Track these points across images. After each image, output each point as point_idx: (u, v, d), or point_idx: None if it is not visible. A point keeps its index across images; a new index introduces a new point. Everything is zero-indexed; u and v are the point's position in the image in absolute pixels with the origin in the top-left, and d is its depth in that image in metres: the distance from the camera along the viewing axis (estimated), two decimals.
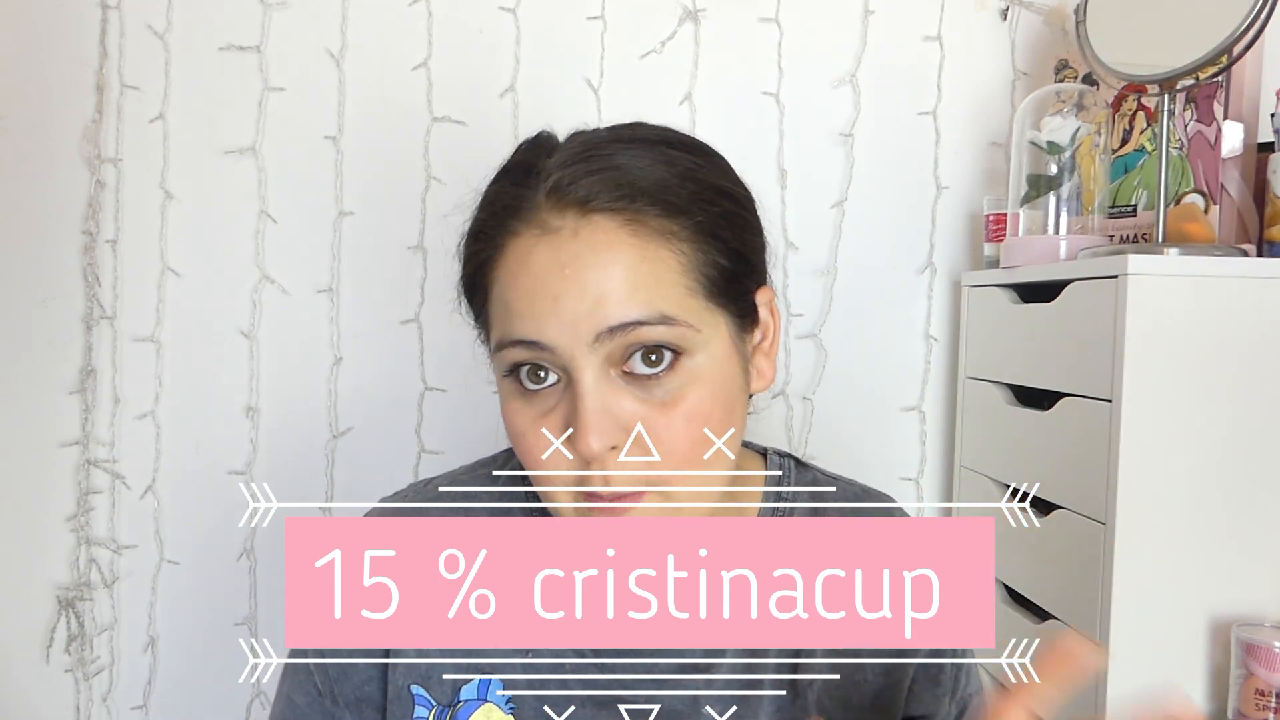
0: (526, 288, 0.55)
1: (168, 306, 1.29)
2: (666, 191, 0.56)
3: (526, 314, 0.55)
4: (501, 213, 0.58)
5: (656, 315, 0.54)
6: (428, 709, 0.63)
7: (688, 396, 0.55)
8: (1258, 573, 0.91)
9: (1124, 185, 1.15)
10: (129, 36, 1.27)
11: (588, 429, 0.53)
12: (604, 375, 0.54)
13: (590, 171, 0.56)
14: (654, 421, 0.54)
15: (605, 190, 0.55)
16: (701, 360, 0.56)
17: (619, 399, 0.54)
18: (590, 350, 0.54)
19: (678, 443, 0.55)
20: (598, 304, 0.53)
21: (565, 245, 0.54)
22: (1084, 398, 0.96)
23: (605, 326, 0.53)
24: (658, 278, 0.54)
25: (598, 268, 0.54)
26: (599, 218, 0.55)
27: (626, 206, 0.55)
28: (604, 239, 0.54)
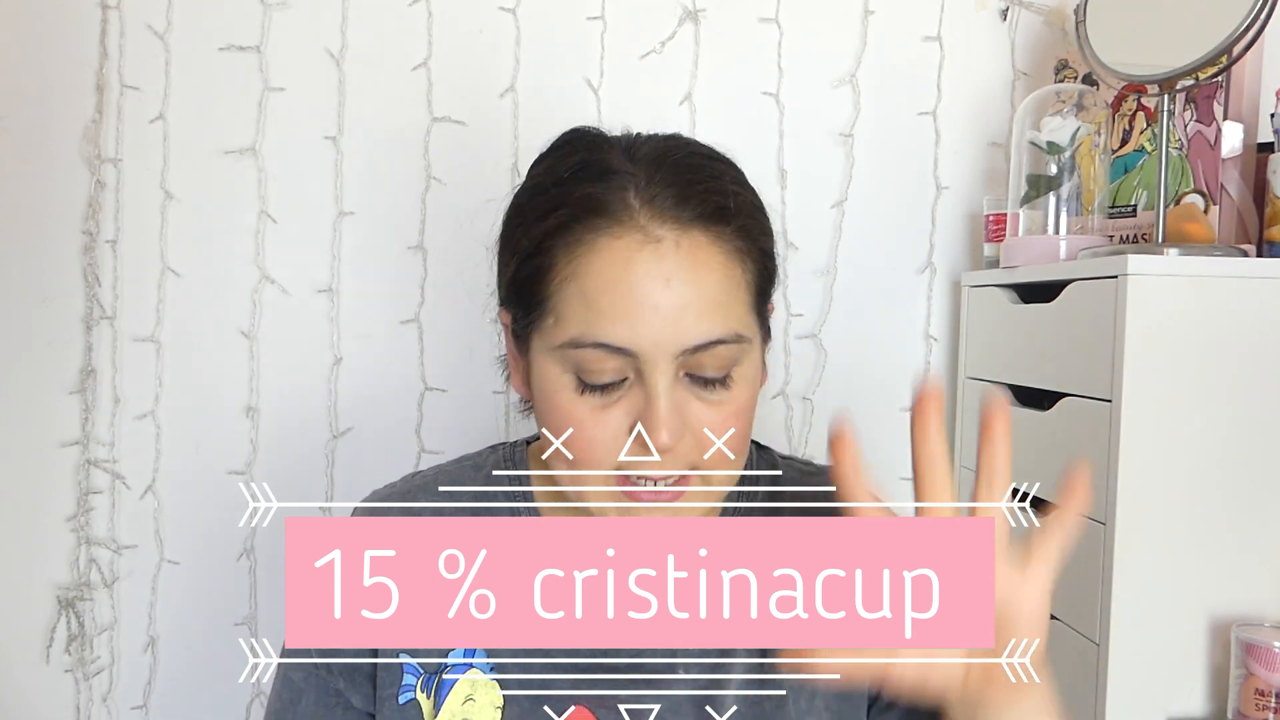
0: (624, 291, 0.56)
1: (168, 306, 1.29)
2: (743, 212, 0.60)
3: (621, 319, 0.56)
4: (595, 213, 0.58)
5: (732, 334, 0.58)
6: (415, 676, 0.65)
7: (738, 398, 0.60)
8: (1258, 573, 0.91)
9: (1124, 185, 1.15)
10: (129, 36, 1.27)
11: (661, 425, 0.56)
12: (675, 379, 0.58)
13: (685, 184, 0.58)
14: (710, 419, 0.58)
15: (702, 206, 0.58)
16: (748, 366, 0.60)
17: (686, 400, 0.58)
18: (671, 361, 0.57)
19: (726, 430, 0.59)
20: (690, 318, 0.56)
21: (668, 256, 0.56)
22: (1084, 398, 0.96)
23: (691, 344, 0.56)
24: (733, 296, 0.59)
25: (695, 284, 0.57)
26: (696, 233, 0.57)
27: (716, 224, 0.58)
28: (701, 255, 0.57)
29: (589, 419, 0.58)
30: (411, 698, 0.65)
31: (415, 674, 0.65)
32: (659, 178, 0.58)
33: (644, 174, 0.59)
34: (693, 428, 0.58)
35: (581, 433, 0.58)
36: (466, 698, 0.64)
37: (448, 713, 0.64)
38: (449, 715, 0.64)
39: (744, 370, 0.60)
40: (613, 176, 0.59)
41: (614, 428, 0.58)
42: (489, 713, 0.64)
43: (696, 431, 0.58)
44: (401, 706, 0.65)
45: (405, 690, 0.66)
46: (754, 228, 0.61)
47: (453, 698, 0.64)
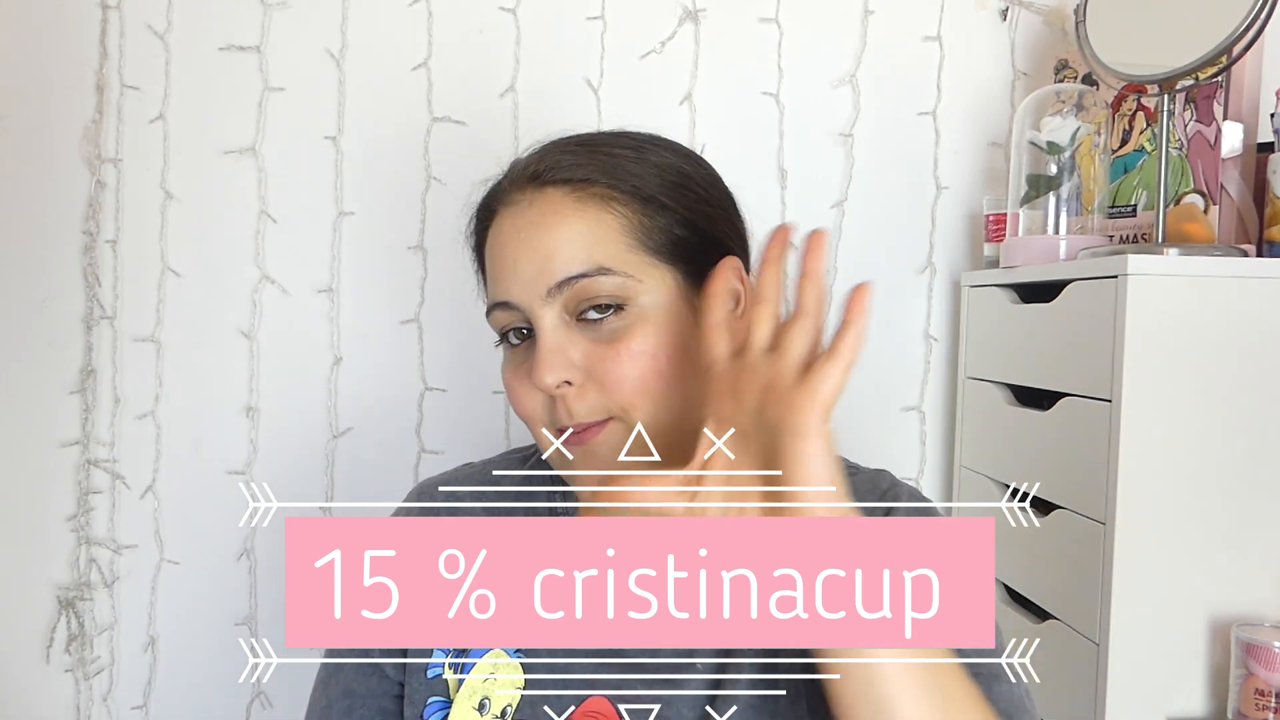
0: (496, 256, 0.65)
1: (168, 306, 1.29)
2: (612, 165, 0.65)
3: (498, 279, 0.65)
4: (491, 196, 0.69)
5: (595, 267, 0.62)
6: (444, 654, 0.67)
7: (634, 334, 0.62)
8: (1258, 573, 0.91)
9: (1124, 185, 1.15)
10: (129, 36, 1.27)
11: (541, 366, 0.61)
12: (560, 322, 0.62)
13: (547, 152, 0.67)
14: (602, 356, 0.62)
15: (556, 166, 0.65)
16: (646, 304, 0.63)
17: (572, 340, 0.62)
18: (545, 303, 0.62)
19: (625, 373, 0.61)
20: (547, 262, 0.62)
21: (522, 214, 0.64)
22: (1084, 398, 0.96)
23: (554, 281, 0.62)
24: (597, 236, 0.63)
25: (545, 230, 0.63)
26: (550, 189, 0.64)
27: (572, 178, 0.64)
28: (552, 206, 0.64)
29: (514, 380, 0.65)
30: (439, 673, 0.67)
31: (444, 651, 0.68)
32: (538, 154, 0.67)
33: (526, 155, 0.68)
34: (584, 368, 0.62)
35: (513, 392, 0.65)
36: (488, 675, 0.66)
37: (469, 688, 0.65)
38: (470, 691, 0.65)
39: (640, 309, 0.62)
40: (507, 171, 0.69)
41: (528, 383, 0.63)
42: (509, 692, 0.65)
43: (595, 374, 0.61)
44: (429, 680, 0.67)
45: (434, 667, 0.67)
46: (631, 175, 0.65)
47: (475, 673, 0.66)
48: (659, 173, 0.66)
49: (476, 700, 0.65)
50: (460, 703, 0.65)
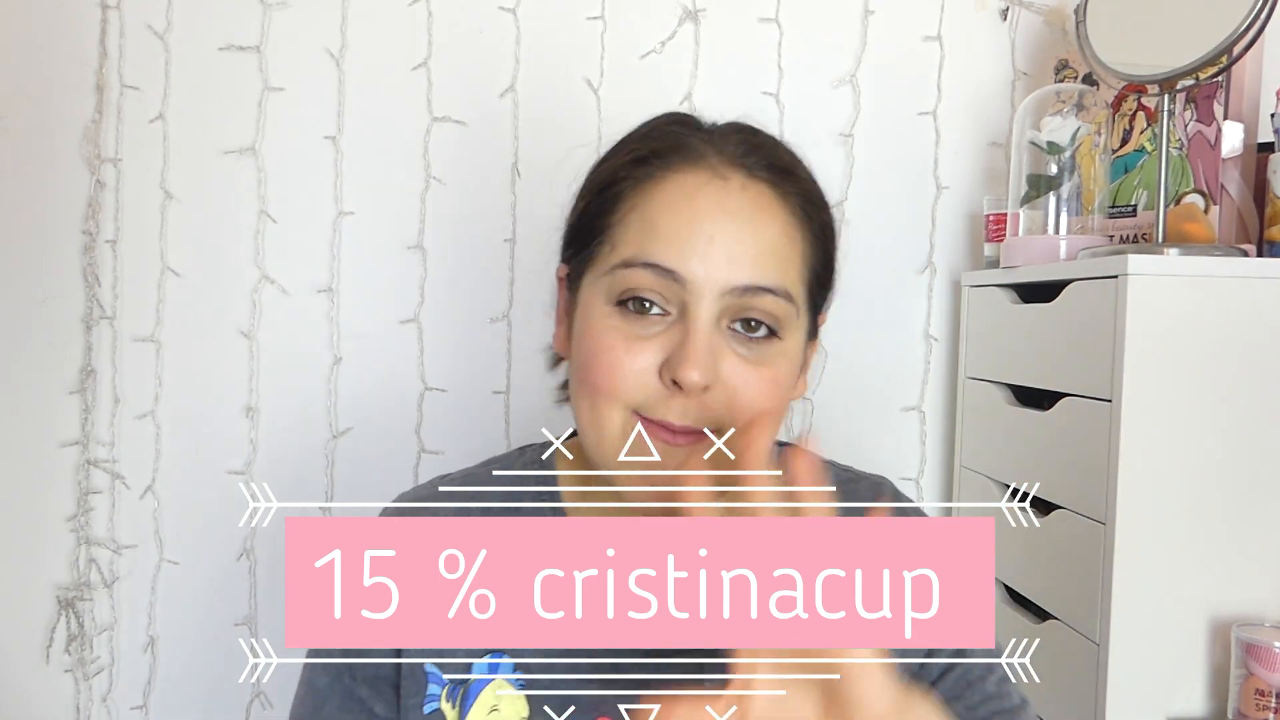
0: (685, 218, 0.57)
1: (168, 306, 1.29)
2: (809, 187, 0.62)
3: (676, 242, 0.57)
4: (669, 150, 0.60)
5: (781, 288, 0.58)
6: (440, 685, 0.65)
7: (776, 365, 0.59)
8: (1258, 573, 0.91)
9: (1124, 185, 1.15)
10: (129, 36, 1.27)
11: (695, 361, 0.55)
12: (714, 323, 0.57)
13: (757, 144, 0.61)
14: (745, 375, 0.57)
15: (772, 165, 0.60)
16: (789, 343, 0.60)
17: (722, 349, 0.57)
18: (718, 298, 0.57)
19: (756, 400, 0.57)
20: (744, 258, 0.57)
21: (733, 194, 0.58)
22: (1084, 398, 0.96)
23: (741, 283, 0.57)
24: (790, 255, 0.60)
25: (754, 225, 0.58)
26: (761, 183, 0.59)
27: (783, 182, 0.60)
28: (764, 202, 0.59)
29: (620, 346, 0.57)
30: (436, 708, 0.64)
31: (440, 683, 0.65)
32: (731, 135, 0.62)
33: (718, 132, 0.62)
34: (725, 380, 0.57)
35: (609, 357, 0.57)
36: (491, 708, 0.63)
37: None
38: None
39: (785, 344, 0.59)
40: (692, 131, 0.62)
41: (645, 361, 0.57)
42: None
43: (728, 385, 0.57)
44: (426, 716, 0.64)
45: (430, 700, 0.65)
46: (817, 201, 0.63)
47: (478, 707, 0.63)
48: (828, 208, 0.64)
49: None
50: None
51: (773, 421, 0.57)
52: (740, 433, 0.51)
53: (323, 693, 0.68)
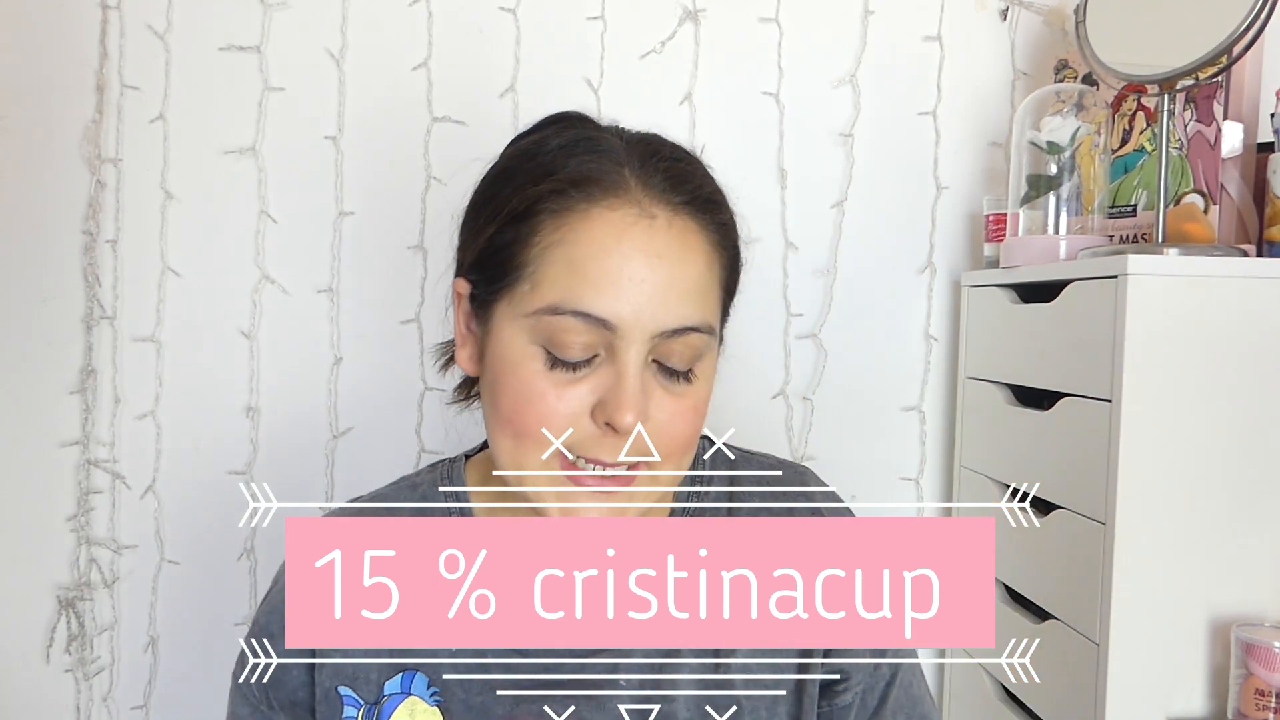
0: (616, 262, 0.56)
1: (168, 306, 1.29)
2: (724, 212, 0.62)
3: (607, 289, 0.55)
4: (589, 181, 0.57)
5: (706, 324, 0.59)
6: (356, 708, 0.65)
7: (698, 391, 0.60)
8: (1258, 573, 0.91)
9: (1124, 185, 1.15)
10: (129, 36, 1.27)
11: (630, 405, 0.56)
12: (642, 362, 0.57)
13: (678, 171, 0.59)
14: (671, 410, 0.59)
15: (695, 193, 0.59)
16: (708, 363, 0.61)
17: (651, 387, 0.58)
18: (646, 341, 0.56)
19: (683, 431, 0.59)
20: (673, 300, 0.57)
21: (660, 234, 0.57)
22: (1084, 398, 0.96)
23: (670, 327, 0.57)
24: (710, 287, 0.60)
25: (682, 264, 0.57)
26: (686, 217, 0.58)
27: (704, 213, 0.59)
28: (690, 240, 0.58)
29: (551, 393, 0.57)
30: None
31: (355, 704, 0.65)
32: (652, 162, 0.59)
33: (637, 156, 0.59)
34: (653, 417, 0.58)
35: (541, 404, 0.57)
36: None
37: None
38: None
39: (705, 367, 0.60)
40: (608, 153, 0.59)
41: (576, 405, 0.57)
42: None
43: (656, 422, 0.58)
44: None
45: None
46: (731, 228, 0.62)
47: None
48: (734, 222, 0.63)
49: None
50: None
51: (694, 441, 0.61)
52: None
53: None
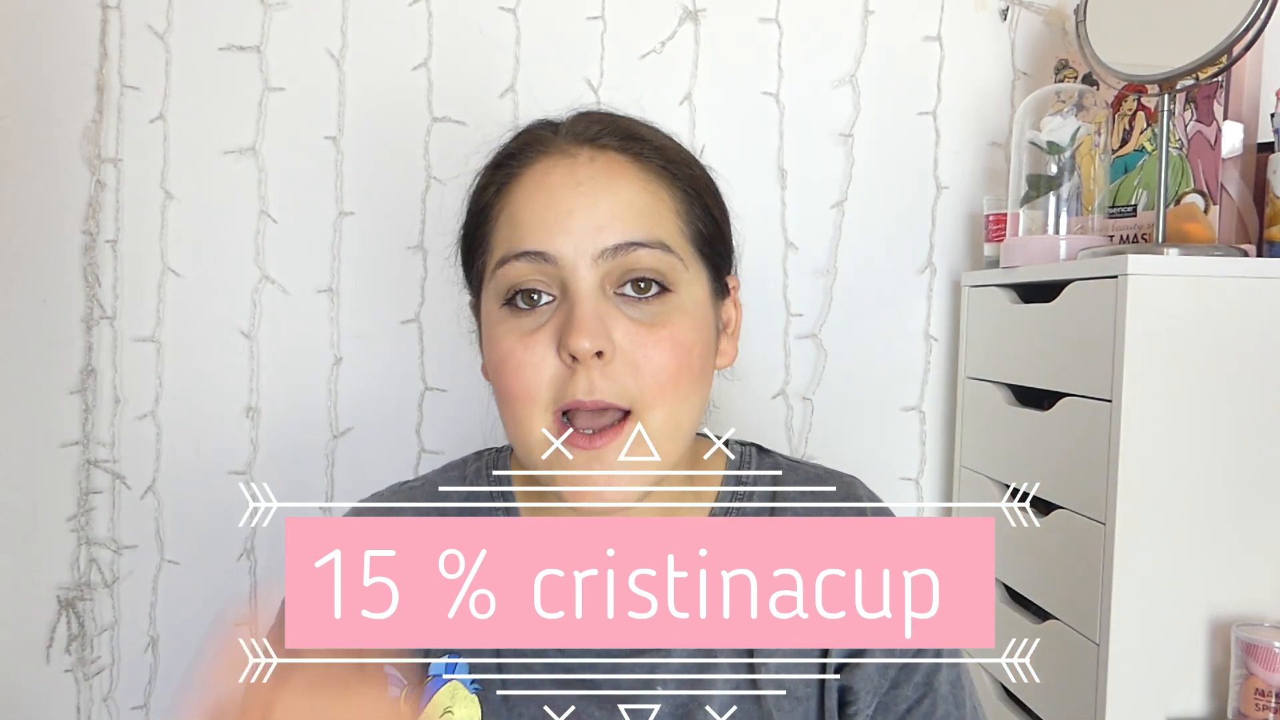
0: (542, 202, 0.59)
1: (168, 306, 1.29)
2: (664, 147, 0.64)
3: (538, 226, 0.59)
4: (525, 147, 0.63)
5: (654, 240, 0.59)
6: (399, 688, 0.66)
7: (673, 322, 0.59)
8: (1258, 573, 0.91)
9: (1124, 185, 1.15)
10: (129, 36, 1.27)
11: (581, 329, 0.56)
12: (599, 290, 0.58)
13: (601, 120, 0.63)
14: (641, 338, 0.58)
15: (617, 135, 0.62)
16: (686, 297, 0.61)
17: (610, 313, 0.58)
18: (592, 265, 0.58)
19: (663, 363, 0.58)
20: (606, 221, 0.58)
21: (581, 168, 0.60)
22: (1084, 398, 0.96)
23: (610, 244, 0.58)
24: (657, 210, 0.61)
25: (610, 190, 0.59)
26: (611, 152, 0.61)
27: (633, 146, 0.62)
28: (616, 168, 0.61)
29: (519, 346, 0.58)
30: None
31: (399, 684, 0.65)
32: (580, 118, 0.64)
33: (568, 120, 0.65)
34: (621, 345, 0.57)
35: (512, 359, 0.59)
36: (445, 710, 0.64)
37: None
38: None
39: (680, 299, 0.60)
40: (542, 125, 0.65)
41: (542, 350, 0.58)
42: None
43: (626, 350, 0.57)
44: None
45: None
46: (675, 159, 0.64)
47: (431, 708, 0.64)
48: (697, 165, 0.66)
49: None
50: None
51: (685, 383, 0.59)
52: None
53: None
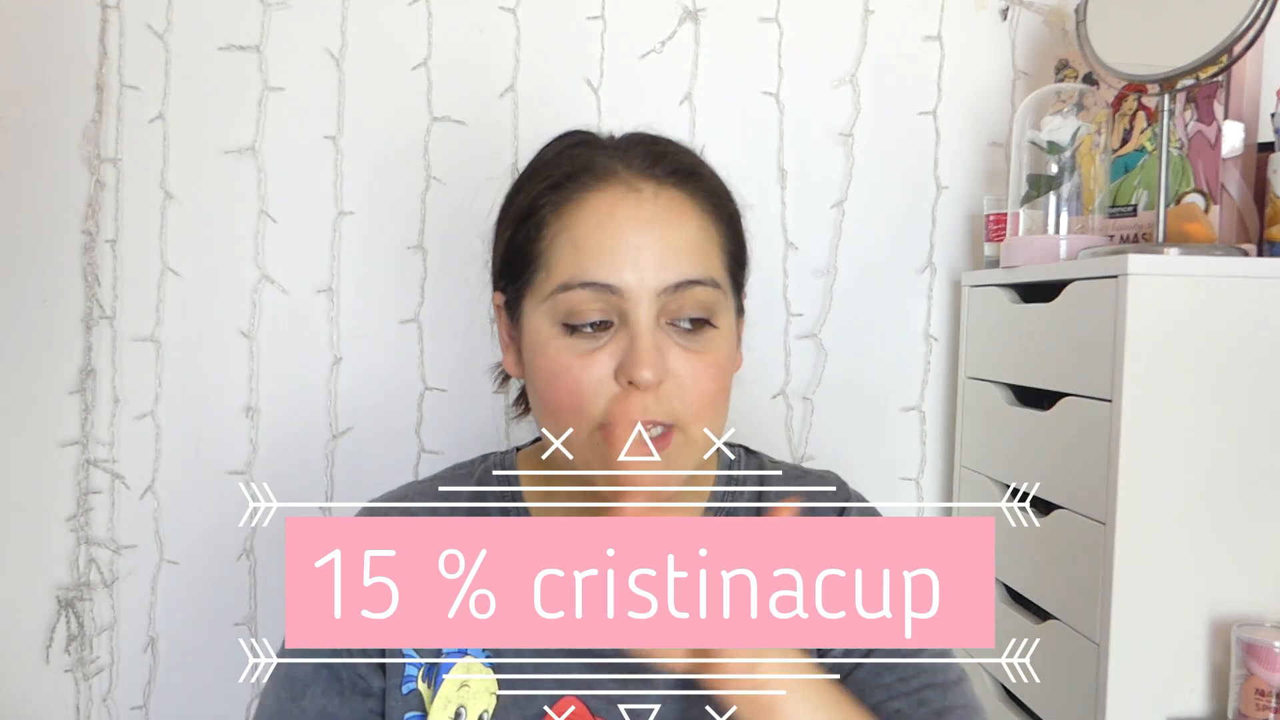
0: (610, 234, 0.62)
1: (168, 306, 1.29)
2: (713, 182, 0.68)
3: (607, 258, 0.62)
4: (581, 170, 0.65)
5: (708, 278, 0.63)
6: (416, 667, 0.68)
7: (715, 349, 0.64)
8: (1258, 573, 0.91)
9: (1124, 185, 1.15)
10: (129, 36, 1.27)
11: (646, 361, 0.60)
12: (656, 322, 0.62)
13: (661, 155, 0.66)
14: (691, 365, 0.63)
15: (674, 165, 0.66)
16: (723, 325, 0.65)
17: (666, 345, 0.62)
18: (654, 299, 0.62)
19: (707, 385, 0.63)
20: (669, 259, 0.62)
21: (648, 204, 0.63)
22: (1084, 398, 0.96)
23: (672, 281, 0.62)
24: (709, 247, 0.65)
25: (672, 227, 0.63)
26: (670, 188, 0.65)
27: (689, 184, 0.66)
28: (677, 204, 0.64)
29: (575, 364, 0.62)
30: (413, 688, 0.67)
31: (416, 665, 0.68)
32: (635, 148, 0.67)
33: (621, 146, 0.67)
34: (674, 373, 0.62)
35: (568, 376, 0.62)
36: (462, 684, 0.66)
37: (443, 699, 0.65)
38: (444, 701, 0.65)
39: (721, 328, 0.65)
40: (595, 147, 0.67)
41: (599, 371, 0.61)
42: (484, 699, 0.65)
43: (678, 378, 0.62)
44: (405, 696, 0.67)
45: (408, 680, 0.67)
46: (721, 194, 0.68)
47: (447, 684, 0.66)
48: (731, 196, 0.70)
49: (452, 710, 0.65)
50: (435, 713, 0.65)
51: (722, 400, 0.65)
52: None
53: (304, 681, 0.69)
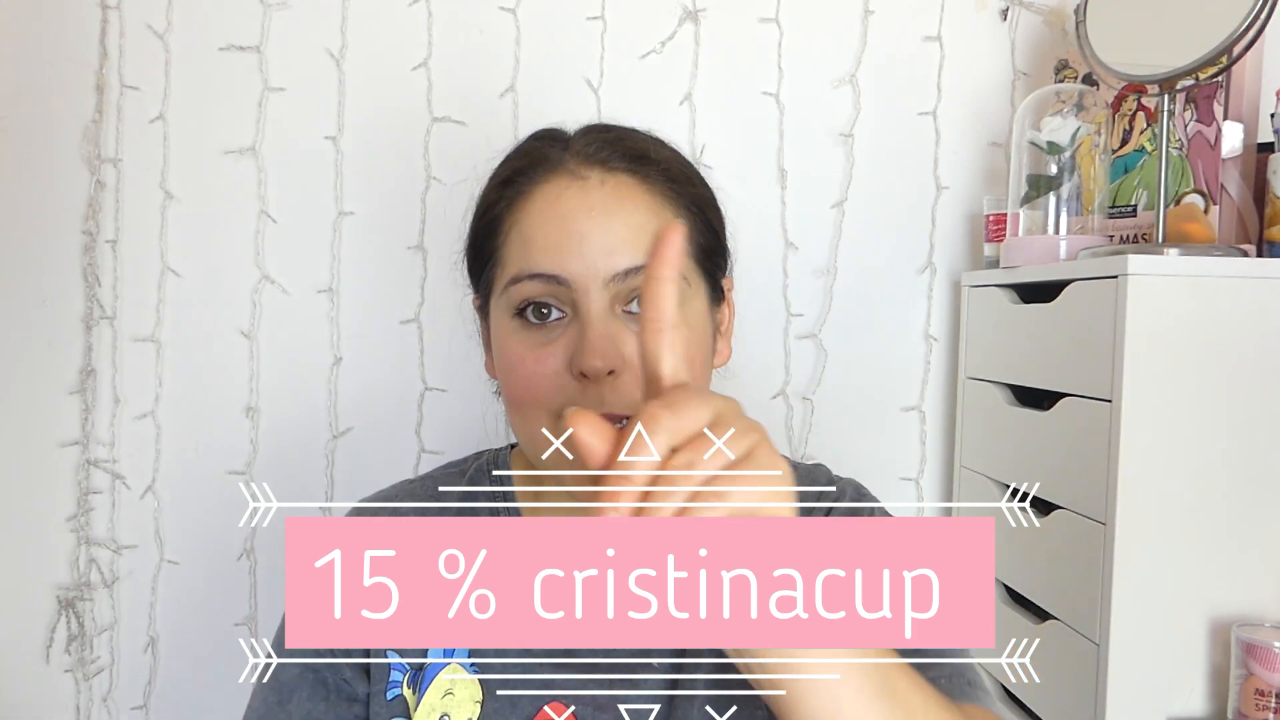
0: (555, 225, 0.62)
1: (168, 306, 1.29)
2: (670, 167, 0.66)
3: (552, 249, 0.61)
4: (535, 165, 0.65)
5: None
6: (402, 672, 0.67)
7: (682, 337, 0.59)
8: (1258, 573, 0.91)
9: (1124, 185, 1.15)
10: (129, 36, 1.27)
11: (594, 351, 0.58)
12: (609, 310, 0.61)
13: (611, 141, 0.65)
14: None
15: (626, 157, 0.64)
16: (689, 312, 0.63)
17: (622, 333, 0.60)
18: (604, 288, 0.60)
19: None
20: (617, 245, 0.60)
21: (593, 192, 0.63)
22: (1084, 398, 0.96)
23: (620, 269, 0.60)
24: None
25: (620, 215, 0.62)
26: (620, 174, 0.64)
27: (640, 169, 0.64)
28: (625, 191, 0.63)
29: (530, 357, 0.61)
30: (398, 694, 0.67)
31: (402, 670, 0.68)
32: (588, 137, 0.66)
33: (576, 137, 0.67)
34: (630, 362, 0.59)
35: (523, 369, 0.61)
36: (446, 692, 0.66)
37: (427, 706, 0.65)
38: (428, 709, 0.65)
39: (684, 315, 0.62)
40: (550, 142, 0.67)
41: (554, 364, 0.60)
42: (468, 706, 0.65)
43: (634, 366, 0.58)
44: (389, 702, 0.67)
45: (393, 686, 0.67)
46: (681, 179, 0.66)
47: (432, 691, 0.66)
48: (699, 181, 0.68)
49: (436, 717, 0.65)
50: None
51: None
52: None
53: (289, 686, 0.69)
